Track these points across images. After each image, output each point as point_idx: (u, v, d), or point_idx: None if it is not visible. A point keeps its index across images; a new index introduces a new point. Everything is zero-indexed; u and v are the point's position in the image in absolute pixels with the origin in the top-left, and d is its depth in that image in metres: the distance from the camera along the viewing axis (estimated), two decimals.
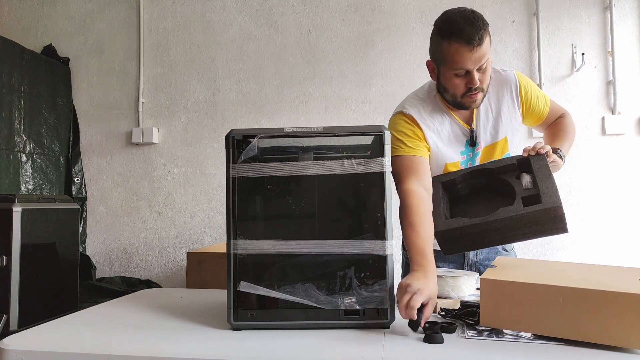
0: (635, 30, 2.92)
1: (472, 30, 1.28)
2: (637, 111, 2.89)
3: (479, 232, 1.26)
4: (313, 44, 3.25)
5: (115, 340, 1.04)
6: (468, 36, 1.28)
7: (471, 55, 1.30)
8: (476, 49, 1.30)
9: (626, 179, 2.87)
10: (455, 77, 1.36)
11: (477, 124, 1.49)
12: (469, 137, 1.49)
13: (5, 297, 2.23)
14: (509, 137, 1.51)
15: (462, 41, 1.29)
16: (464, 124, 1.49)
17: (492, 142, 1.51)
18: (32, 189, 3.08)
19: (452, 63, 1.34)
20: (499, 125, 1.49)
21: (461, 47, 1.30)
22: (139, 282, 3.20)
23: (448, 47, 1.32)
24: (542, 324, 0.95)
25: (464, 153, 1.51)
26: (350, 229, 1.09)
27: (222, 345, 1.00)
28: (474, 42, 1.28)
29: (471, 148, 1.50)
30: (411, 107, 1.49)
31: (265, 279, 1.08)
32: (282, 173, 1.09)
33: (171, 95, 3.39)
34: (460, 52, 1.30)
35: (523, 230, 1.25)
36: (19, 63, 3.03)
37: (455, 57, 1.32)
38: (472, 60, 1.31)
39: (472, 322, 1.07)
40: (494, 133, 1.50)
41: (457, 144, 1.50)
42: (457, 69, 1.34)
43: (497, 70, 1.50)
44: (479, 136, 1.49)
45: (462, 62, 1.32)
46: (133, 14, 3.46)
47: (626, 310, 0.88)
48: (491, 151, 1.51)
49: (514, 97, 1.49)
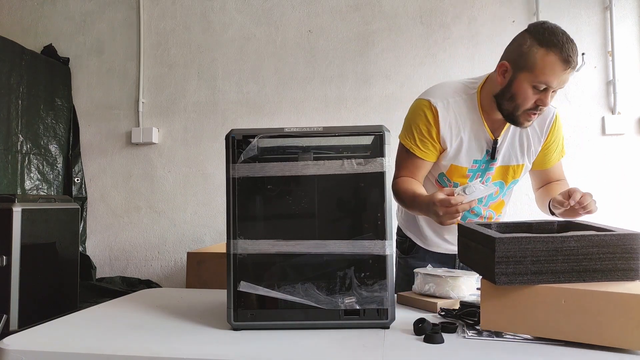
0: (635, 30, 2.92)
1: (572, 50, 1.26)
2: (637, 111, 2.89)
3: (545, 254, 0.96)
4: (313, 44, 3.25)
5: (115, 340, 1.04)
6: (568, 54, 1.25)
7: (561, 74, 1.27)
8: (568, 71, 1.27)
9: (626, 179, 2.87)
10: (533, 89, 1.30)
11: (504, 139, 1.45)
12: (491, 148, 1.45)
13: (5, 297, 2.23)
14: (525, 166, 1.49)
15: (561, 56, 1.25)
16: (490, 133, 1.44)
17: (509, 164, 1.48)
18: (30, 189, 3.08)
19: (540, 74, 1.28)
20: (522, 149, 1.47)
21: (558, 62, 1.26)
22: (139, 282, 3.20)
23: (544, 57, 1.27)
24: (544, 326, 0.94)
25: (478, 162, 1.46)
26: (350, 229, 1.09)
27: (222, 345, 0.99)
28: (571, 62, 1.25)
29: (488, 160, 1.46)
30: (441, 98, 1.43)
31: (265, 279, 1.08)
32: (282, 173, 1.09)
33: (171, 95, 3.39)
34: (555, 66, 1.26)
35: (594, 265, 0.97)
36: (19, 63, 3.03)
37: (546, 69, 1.27)
38: (559, 79, 1.28)
39: (472, 322, 1.07)
40: (514, 155, 1.47)
41: (474, 150, 1.45)
42: (542, 82, 1.28)
43: None
44: (500, 151, 1.46)
45: (551, 76, 1.27)
46: (133, 14, 3.46)
47: (630, 311, 0.88)
48: (504, 172, 1.49)
49: (544, 130, 1.47)
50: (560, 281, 0.95)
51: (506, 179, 1.50)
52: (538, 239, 0.95)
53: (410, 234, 1.67)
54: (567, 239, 0.96)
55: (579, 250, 0.95)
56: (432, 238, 1.60)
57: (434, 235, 1.60)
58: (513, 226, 1.19)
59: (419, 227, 1.62)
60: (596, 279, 0.95)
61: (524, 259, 0.95)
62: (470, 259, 1.13)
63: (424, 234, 1.61)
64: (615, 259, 0.96)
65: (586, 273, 0.96)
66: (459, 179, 1.49)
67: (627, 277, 0.96)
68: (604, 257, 0.96)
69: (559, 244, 0.95)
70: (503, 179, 1.50)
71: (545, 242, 0.95)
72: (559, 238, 0.96)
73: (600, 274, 0.96)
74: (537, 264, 0.95)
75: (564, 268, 0.95)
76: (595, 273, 0.96)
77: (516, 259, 0.95)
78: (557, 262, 0.95)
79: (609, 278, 0.96)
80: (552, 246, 0.95)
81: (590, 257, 0.96)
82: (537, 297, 0.95)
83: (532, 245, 0.95)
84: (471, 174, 1.47)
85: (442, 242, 1.59)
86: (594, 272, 0.96)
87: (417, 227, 1.63)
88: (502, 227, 1.17)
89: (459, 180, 1.49)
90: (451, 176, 1.50)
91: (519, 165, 1.48)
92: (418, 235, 1.64)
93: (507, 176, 1.49)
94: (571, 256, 0.95)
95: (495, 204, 1.55)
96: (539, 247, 0.95)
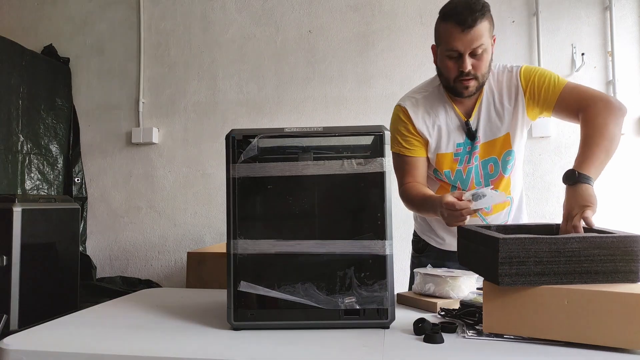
0: (635, 30, 2.92)
1: (467, 13, 1.30)
2: (637, 111, 2.88)
3: (548, 254, 0.95)
4: (313, 44, 3.25)
5: (115, 340, 1.04)
6: (461, 18, 1.31)
7: (462, 37, 1.32)
8: (468, 31, 1.31)
9: (626, 179, 2.87)
10: (448, 59, 1.38)
11: (478, 117, 1.48)
12: (466, 129, 1.48)
13: (5, 297, 2.23)
14: (511, 134, 1.47)
15: (454, 22, 1.32)
16: (462, 115, 1.48)
17: (492, 138, 1.48)
18: (30, 189, 3.08)
19: (445, 44, 1.36)
20: (500, 120, 1.47)
21: (454, 27, 1.32)
22: (139, 282, 3.20)
23: (444, 28, 1.36)
24: (547, 327, 0.94)
25: (462, 145, 1.49)
26: (350, 228, 1.09)
27: (222, 345, 1.00)
28: (465, 23, 1.30)
29: (470, 141, 1.49)
30: (408, 98, 1.53)
31: (265, 278, 1.08)
32: (282, 173, 1.09)
33: (171, 95, 3.39)
34: (452, 32, 1.33)
35: (596, 267, 0.96)
36: (19, 63, 3.03)
37: (447, 38, 1.35)
38: (462, 42, 1.33)
39: (472, 322, 1.07)
40: (494, 128, 1.47)
41: (454, 135, 1.49)
42: (449, 49, 1.35)
43: (507, 66, 1.48)
44: (479, 130, 1.48)
45: (452, 42, 1.34)
46: (133, 14, 3.46)
47: (634, 311, 0.88)
48: (491, 147, 1.49)
49: (514, 87, 1.45)
50: (561, 282, 0.95)
51: (495, 152, 1.49)
52: (541, 240, 0.95)
53: (425, 237, 1.69)
54: (569, 240, 0.96)
55: (581, 251, 0.95)
56: (447, 238, 1.62)
57: (448, 234, 1.61)
58: (513, 228, 1.19)
59: (434, 230, 1.64)
60: (597, 281, 0.95)
61: (527, 260, 0.95)
62: (470, 261, 1.13)
63: (440, 235, 1.63)
64: (616, 261, 0.96)
65: (587, 275, 0.96)
66: (449, 166, 1.50)
67: (627, 280, 0.96)
68: (605, 259, 0.96)
69: (562, 245, 0.95)
70: (492, 154, 1.49)
71: (548, 244, 0.95)
72: (561, 239, 0.96)
73: (601, 276, 0.96)
74: (539, 265, 0.95)
75: (566, 269, 0.95)
76: (597, 275, 0.96)
77: (519, 259, 0.95)
78: (559, 264, 0.95)
79: (610, 280, 0.96)
80: (555, 247, 0.95)
81: (592, 258, 0.96)
82: (540, 298, 0.94)
83: (536, 246, 0.95)
84: (459, 157, 1.49)
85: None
86: (595, 274, 0.96)
87: (432, 231, 1.65)
88: (502, 229, 1.17)
89: (450, 167, 1.50)
90: (441, 166, 1.51)
91: (503, 135, 1.47)
92: (433, 237, 1.66)
93: (495, 149, 1.48)
94: (573, 258, 0.95)
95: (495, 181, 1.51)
96: (542, 248, 0.95)
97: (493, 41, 1.40)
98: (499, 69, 1.48)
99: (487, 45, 1.36)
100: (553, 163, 2.95)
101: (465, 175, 1.51)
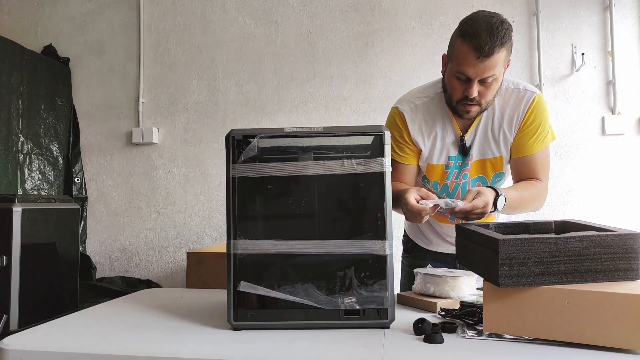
0: (635, 30, 2.92)
1: (487, 39, 1.22)
2: (637, 111, 2.89)
3: (548, 254, 0.95)
4: (313, 44, 3.25)
5: (115, 340, 1.04)
6: (479, 43, 1.22)
7: (476, 64, 1.25)
8: (482, 60, 1.24)
9: (626, 179, 2.87)
10: (456, 79, 1.31)
11: (475, 134, 1.42)
12: (460, 144, 1.43)
13: (5, 297, 2.23)
14: (505, 157, 1.43)
15: (471, 46, 1.24)
16: (458, 130, 1.43)
17: (485, 157, 1.44)
18: (30, 189, 3.08)
19: (456, 64, 1.29)
20: (496, 142, 1.42)
21: (469, 51, 1.24)
22: (139, 282, 3.20)
23: (459, 48, 1.27)
24: (547, 328, 0.94)
25: (453, 158, 1.45)
26: (350, 228, 1.09)
27: (222, 345, 0.99)
28: (482, 51, 1.22)
29: (462, 157, 1.44)
30: (407, 102, 1.47)
31: (265, 279, 1.08)
32: (282, 173, 1.09)
33: (171, 95, 3.39)
34: (466, 56, 1.25)
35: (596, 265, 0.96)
36: (19, 63, 3.03)
37: (459, 59, 1.27)
38: (475, 69, 1.26)
39: (472, 322, 1.07)
40: (489, 148, 1.43)
41: (448, 148, 1.44)
42: (459, 72, 1.29)
43: (520, 87, 1.40)
44: (473, 147, 1.43)
45: (464, 66, 1.27)
46: (133, 14, 3.46)
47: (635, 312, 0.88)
48: (482, 166, 1.45)
49: (517, 115, 1.39)
50: (562, 282, 0.95)
51: (486, 173, 1.46)
52: (541, 240, 0.95)
53: (413, 237, 1.69)
54: (569, 239, 0.95)
55: (581, 250, 0.95)
56: (434, 239, 1.61)
57: (435, 236, 1.61)
58: (511, 226, 1.19)
59: (421, 231, 1.64)
60: (597, 280, 0.95)
61: (527, 261, 0.94)
62: (469, 261, 1.13)
63: (427, 237, 1.62)
64: (616, 259, 0.96)
65: (588, 274, 0.95)
66: (438, 178, 1.48)
67: (627, 277, 0.96)
68: (605, 258, 0.95)
69: (562, 244, 0.95)
70: (483, 174, 1.46)
71: (548, 243, 0.95)
72: (561, 239, 0.95)
73: (601, 275, 0.96)
74: (540, 265, 0.94)
75: (566, 269, 0.95)
76: (597, 274, 0.95)
77: (519, 260, 0.94)
78: (559, 263, 0.94)
79: (610, 278, 0.95)
80: (555, 247, 0.95)
81: (592, 257, 0.95)
82: (540, 299, 0.94)
83: (536, 247, 0.94)
84: (448, 171, 1.46)
85: (443, 243, 1.60)
86: (596, 273, 0.95)
87: (420, 232, 1.65)
88: (500, 227, 1.17)
89: (439, 179, 1.48)
90: (430, 176, 1.49)
91: (497, 157, 1.43)
92: (421, 237, 1.65)
93: (486, 170, 1.45)
94: (573, 257, 0.95)
95: None
96: (542, 249, 0.94)
97: (507, 66, 1.33)
98: (507, 87, 1.40)
99: (499, 74, 1.29)
100: (553, 163, 2.94)
101: (451, 190, 1.48)
